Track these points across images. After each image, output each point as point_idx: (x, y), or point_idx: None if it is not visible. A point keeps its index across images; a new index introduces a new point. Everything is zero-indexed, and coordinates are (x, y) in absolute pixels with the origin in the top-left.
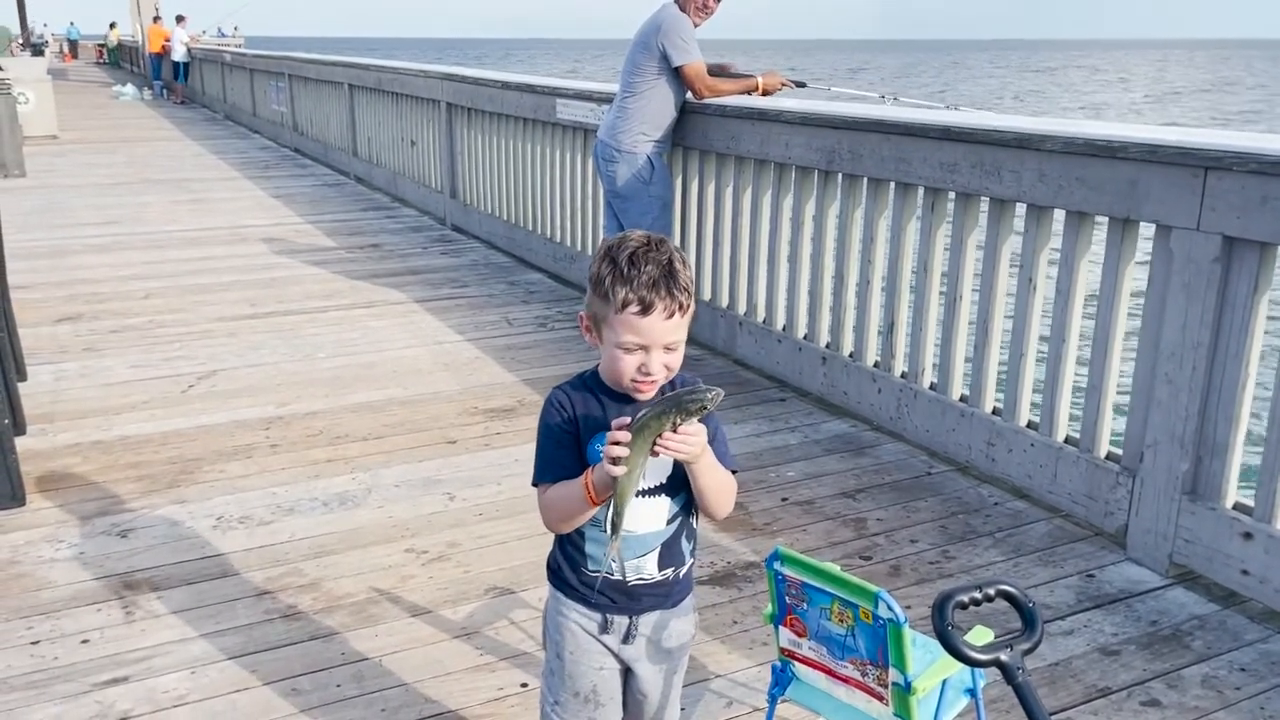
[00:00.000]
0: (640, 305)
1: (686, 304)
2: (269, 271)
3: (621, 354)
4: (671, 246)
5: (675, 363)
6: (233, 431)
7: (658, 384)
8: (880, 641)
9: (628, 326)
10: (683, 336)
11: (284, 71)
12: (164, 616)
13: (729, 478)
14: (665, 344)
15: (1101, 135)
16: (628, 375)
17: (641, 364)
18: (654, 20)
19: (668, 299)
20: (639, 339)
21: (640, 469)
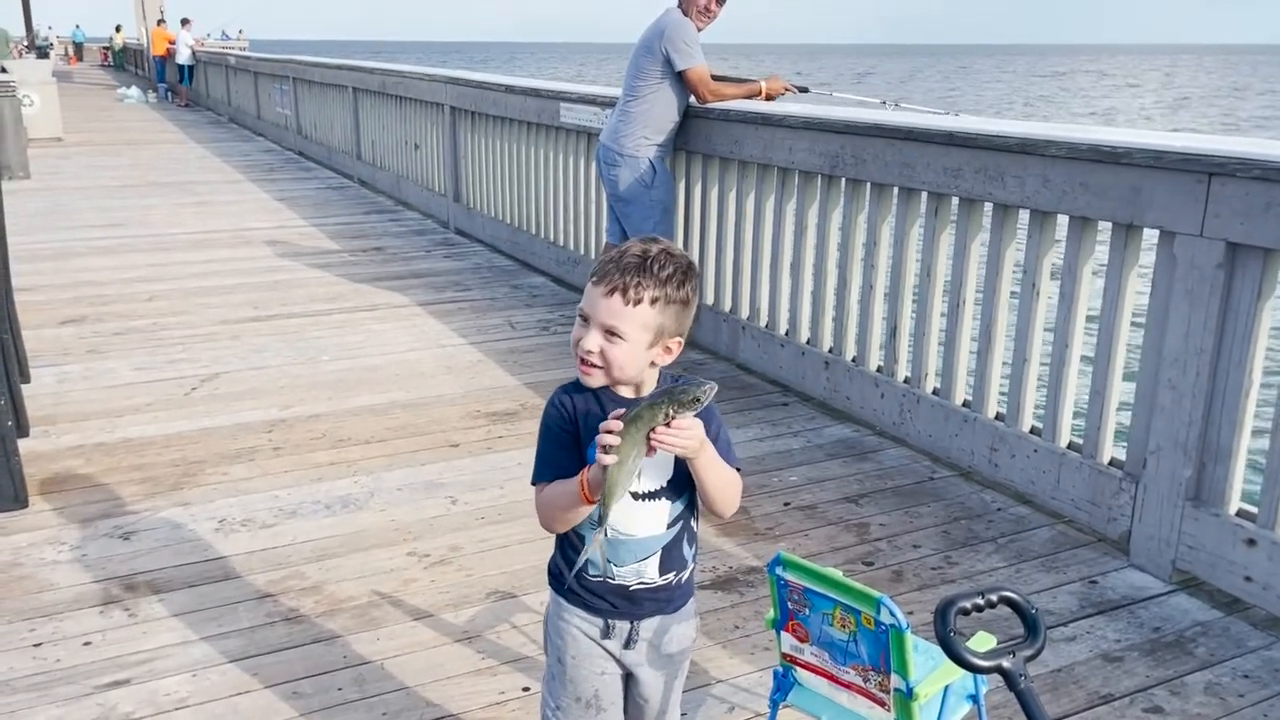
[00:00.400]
0: (595, 275)
1: (634, 294)
2: (272, 274)
3: (577, 322)
4: (666, 252)
5: (616, 356)
6: (236, 434)
7: (594, 370)
8: (882, 647)
9: (585, 293)
10: (626, 330)
11: (288, 75)
12: (166, 619)
13: (733, 475)
14: (603, 324)
15: (1105, 141)
16: (572, 344)
17: (580, 338)
18: (657, 24)
19: (616, 277)
20: (583, 307)
21: (633, 462)
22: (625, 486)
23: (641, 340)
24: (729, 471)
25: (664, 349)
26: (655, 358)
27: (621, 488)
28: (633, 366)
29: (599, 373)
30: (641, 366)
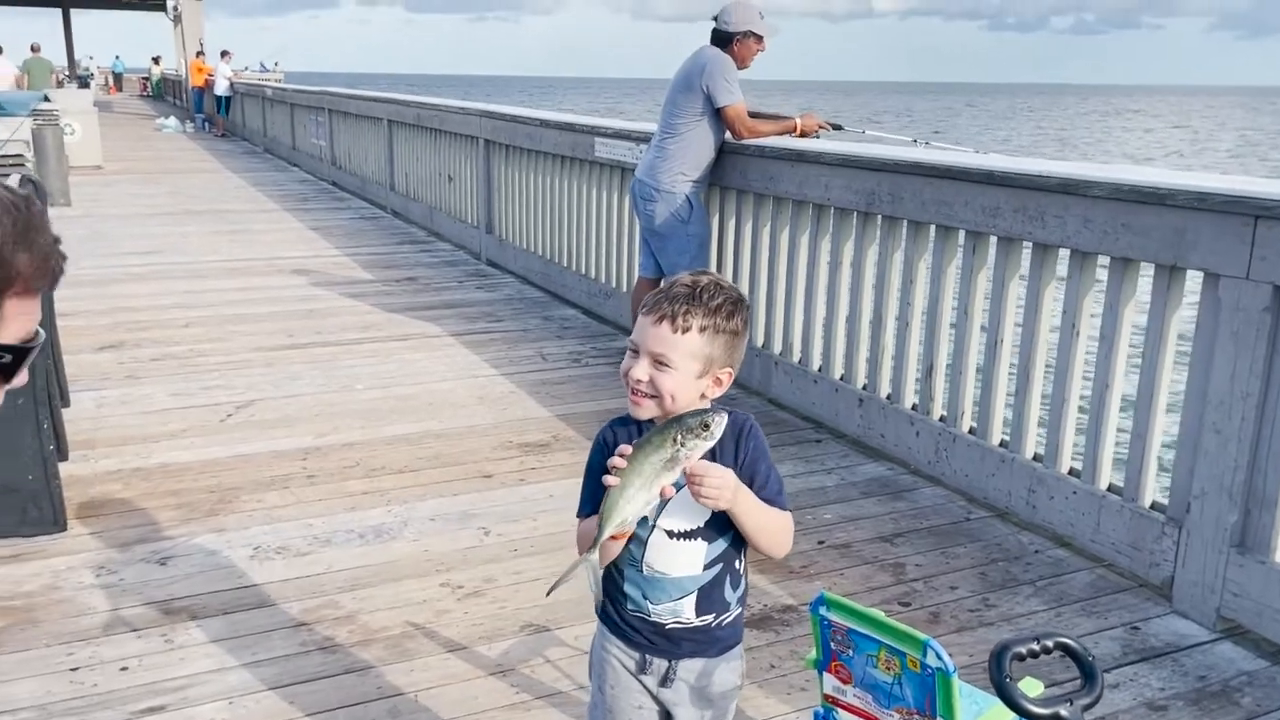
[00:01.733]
0: (646, 306)
1: (682, 322)
2: (307, 303)
3: (628, 353)
4: (715, 283)
5: (666, 385)
6: (270, 461)
7: (646, 398)
8: (928, 691)
9: (635, 325)
10: (674, 359)
11: (324, 106)
12: (202, 645)
13: (776, 518)
14: (652, 353)
15: (1149, 182)
16: (622, 374)
17: (630, 367)
18: (697, 60)
19: (665, 305)
20: (634, 338)
21: (638, 489)
22: (626, 512)
23: (690, 369)
24: (770, 515)
25: (714, 380)
26: (705, 389)
27: (620, 513)
28: (683, 396)
29: (650, 403)
30: (692, 397)
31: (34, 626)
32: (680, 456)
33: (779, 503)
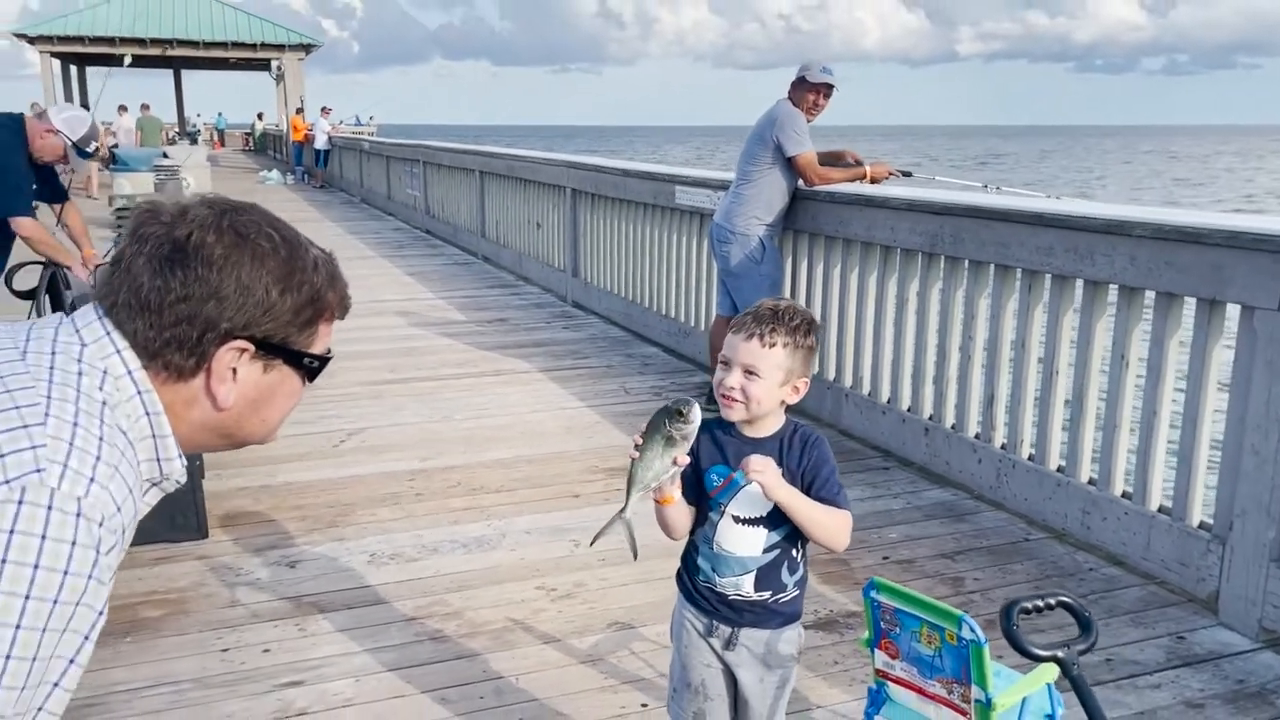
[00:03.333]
0: (736, 327)
1: (768, 339)
2: (406, 341)
3: (720, 367)
4: (793, 306)
5: (755, 392)
6: (381, 481)
7: (736, 404)
8: (964, 661)
9: (725, 343)
10: (763, 369)
11: (419, 159)
12: (330, 634)
13: (827, 514)
14: (743, 364)
15: (1188, 223)
16: (715, 386)
17: (722, 378)
18: (769, 115)
19: (754, 325)
20: (726, 353)
21: (653, 458)
22: (645, 478)
23: (775, 378)
24: (820, 511)
25: (793, 389)
26: (785, 396)
27: (640, 479)
28: (768, 401)
29: (739, 407)
30: (774, 403)
31: (187, 615)
32: (674, 434)
33: (836, 502)
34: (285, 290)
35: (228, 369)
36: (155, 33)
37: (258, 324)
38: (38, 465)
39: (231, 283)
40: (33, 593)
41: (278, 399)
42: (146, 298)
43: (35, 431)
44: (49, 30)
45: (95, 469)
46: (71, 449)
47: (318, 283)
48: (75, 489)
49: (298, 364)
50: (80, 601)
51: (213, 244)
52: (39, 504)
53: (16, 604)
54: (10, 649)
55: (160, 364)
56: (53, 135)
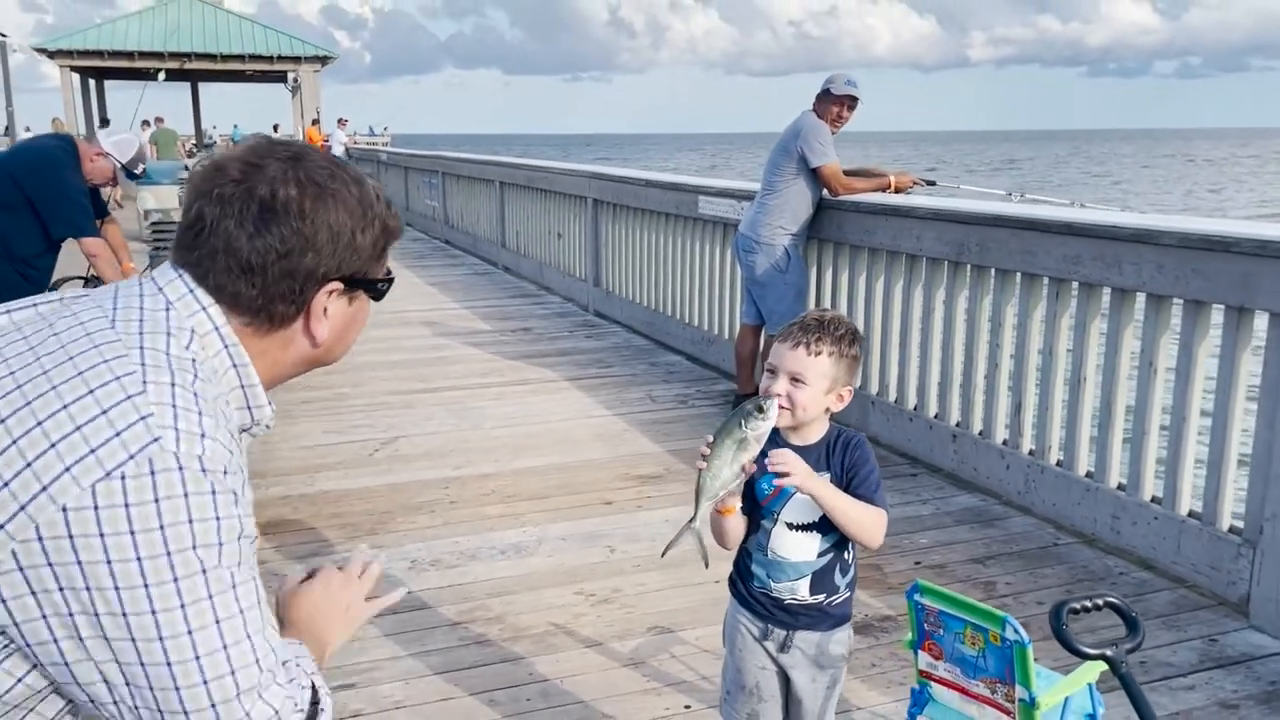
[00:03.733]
0: (782, 336)
1: (814, 348)
2: (433, 351)
3: (765, 375)
4: (839, 317)
5: (801, 399)
6: (417, 489)
7: (783, 411)
8: (1007, 661)
9: (772, 352)
10: (809, 376)
11: (438, 170)
12: (378, 638)
13: (864, 512)
14: (790, 372)
15: (1216, 231)
16: (762, 393)
17: (769, 385)
18: (794, 126)
19: (800, 334)
20: (773, 361)
21: (723, 465)
22: (714, 488)
23: (821, 385)
24: (855, 506)
25: (837, 397)
26: (830, 404)
27: (710, 489)
28: (814, 407)
29: (785, 413)
30: (819, 410)
31: None
32: (749, 436)
33: (874, 499)
34: (364, 229)
35: (321, 309)
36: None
37: (347, 264)
38: (153, 435)
39: (324, 232)
40: (198, 541)
41: (357, 323)
42: (248, 260)
43: (139, 402)
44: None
45: (202, 424)
46: (176, 411)
47: (384, 215)
48: (193, 448)
49: (372, 289)
50: (240, 537)
51: (299, 198)
52: (169, 469)
53: (191, 556)
54: (208, 588)
55: (264, 317)
56: (103, 158)
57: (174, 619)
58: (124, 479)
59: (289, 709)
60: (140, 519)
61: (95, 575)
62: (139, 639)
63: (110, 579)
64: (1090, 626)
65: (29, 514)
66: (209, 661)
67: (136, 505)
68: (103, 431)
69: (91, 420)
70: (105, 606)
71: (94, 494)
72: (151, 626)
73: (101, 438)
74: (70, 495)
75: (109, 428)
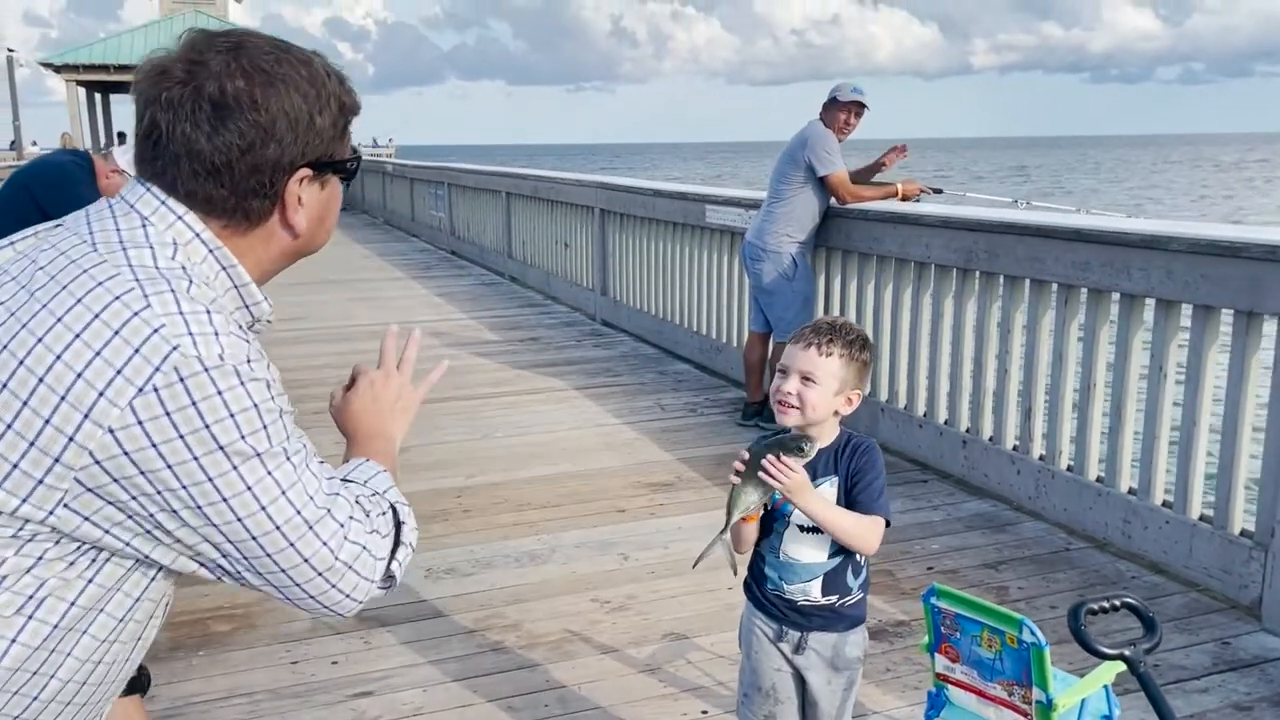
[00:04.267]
0: (794, 338)
1: (826, 349)
2: (442, 361)
3: (778, 375)
4: (849, 323)
5: (810, 398)
6: (430, 498)
7: (793, 409)
8: (1024, 664)
9: (784, 354)
10: (819, 376)
11: (444, 181)
12: (395, 646)
13: (853, 522)
14: (801, 371)
15: (1225, 237)
16: (772, 393)
17: (779, 384)
18: (800, 135)
19: (812, 336)
20: (784, 361)
21: (756, 485)
22: (746, 503)
23: (830, 387)
24: (842, 516)
25: (846, 399)
26: (839, 406)
27: (741, 504)
28: (823, 407)
29: (795, 412)
30: (829, 411)
31: (254, 630)
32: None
33: (873, 507)
34: (321, 109)
35: (295, 198)
36: None
37: (311, 148)
38: (170, 344)
39: (282, 120)
40: (244, 430)
41: (332, 206)
42: (213, 161)
43: (147, 315)
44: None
45: (214, 323)
46: (184, 318)
47: (338, 91)
48: (211, 348)
49: (342, 170)
50: (282, 412)
51: (248, 89)
52: (196, 372)
53: (243, 445)
54: (269, 468)
55: (240, 216)
56: (118, 175)
57: (246, 500)
58: (157, 390)
59: (375, 541)
60: (185, 422)
61: (161, 480)
62: (219, 524)
63: (176, 480)
64: (1104, 630)
65: (78, 443)
66: (289, 527)
67: (177, 411)
68: (122, 351)
69: (108, 343)
70: (180, 503)
71: (133, 410)
72: (228, 511)
73: (123, 357)
74: (112, 417)
75: (127, 346)
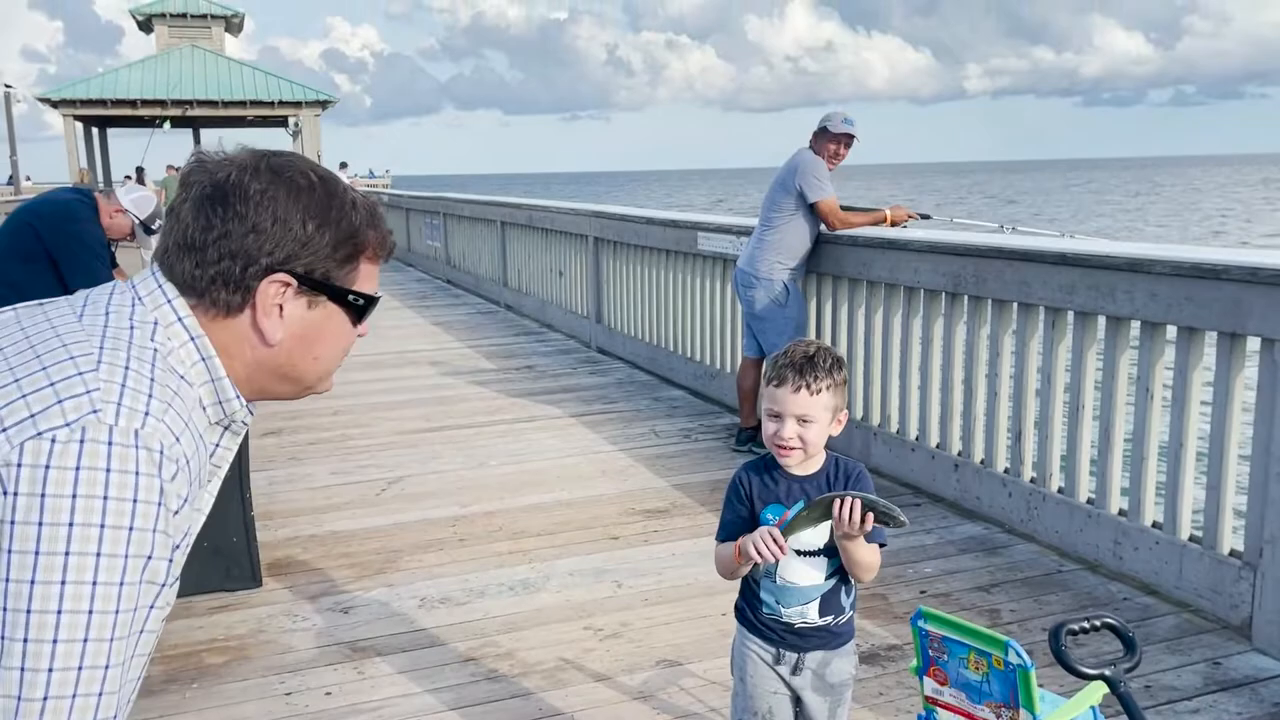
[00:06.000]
0: (777, 379)
1: (814, 387)
2: (437, 390)
3: (767, 419)
4: (822, 348)
5: (811, 437)
6: (424, 528)
7: (795, 451)
8: (1011, 685)
9: (768, 396)
10: (814, 414)
11: (439, 211)
12: (389, 675)
13: (873, 555)
14: (795, 414)
15: (1206, 260)
16: (769, 439)
17: (777, 430)
18: (791, 163)
19: (796, 377)
20: (774, 406)
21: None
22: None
23: (825, 420)
24: (874, 554)
25: (837, 422)
26: (833, 431)
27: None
28: (822, 440)
29: (798, 453)
30: (825, 440)
31: (248, 661)
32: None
33: (878, 533)
34: (322, 225)
35: (273, 304)
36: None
37: (297, 258)
38: (94, 407)
39: (268, 216)
40: (106, 521)
41: (326, 337)
42: (191, 237)
43: (89, 377)
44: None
45: (149, 404)
46: (124, 389)
47: (356, 220)
48: (131, 423)
49: (343, 301)
50: (155, 529)
51: (249, 181)
52: (99, 440)
53: (94, 533)
54: (95, 575)
55: (208, 301)
56: (121, 214)
57: (48, 596)
58: (54, 441)
59: None
60: (55, 482)
61: (7, 535)
62: (9, 606)
63: (8, 539)
64: (1095, 651)
65: None
66: (62, 654)
67: (56, 468)
68: (46, 399)
69: (38, 390)
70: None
71: (21, 451)
72: (25, 596)
73: (44, 404)
74: (1, 451)
75: (54, 396)
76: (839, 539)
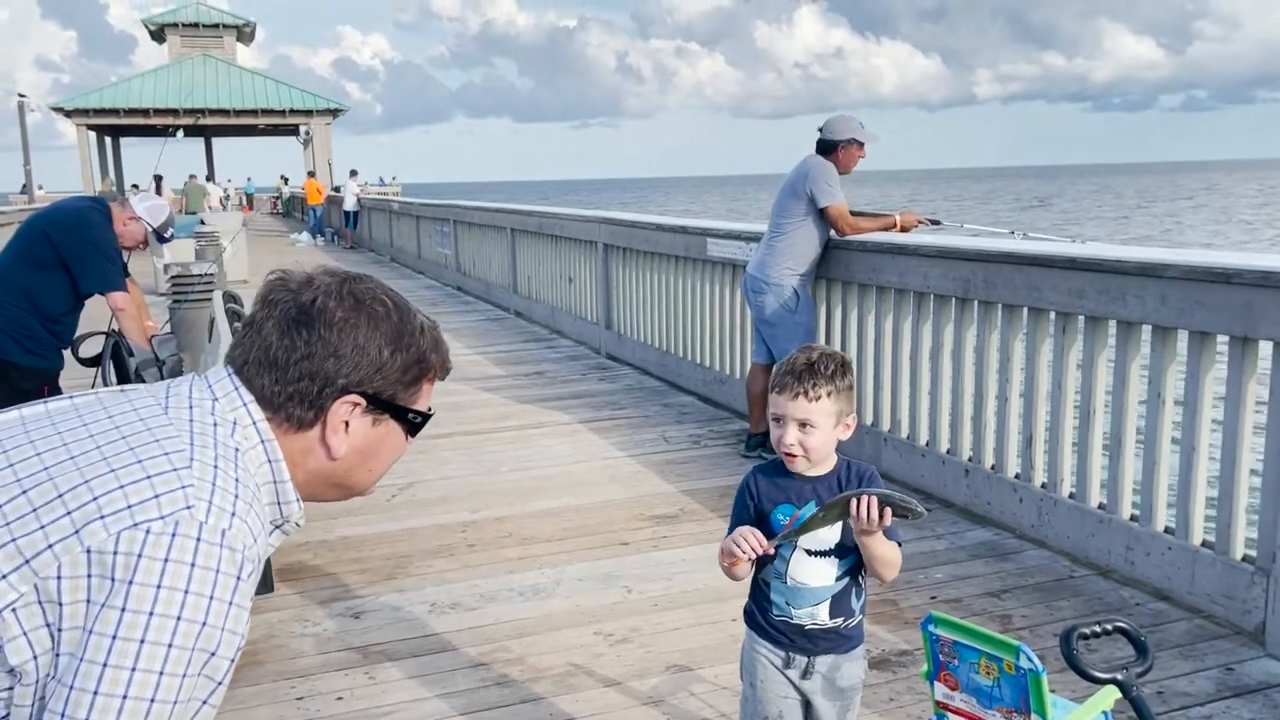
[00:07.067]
0: (778, 385)
1: (813, 393)
2: (448, 397)
3: (772, 424)
4: (825, 354)
5: (811, 443)
6: (435, 534)
7: (799, 458)
8: (1022, 690)
9: (771, 401)
10: (815, 420)
11: (449, 218)
12: (400, 681)
13: (894, 551)
14: (797, 420)
15: (1218, 264)
16: (774, 443)
17: (780, 435)
18: (802, 168)
19: (795, 384)
20: (776, 411)
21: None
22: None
23: (829, 425)
24: (890, 549)
25: (844, 426)
26: (840, 435)
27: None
28: (826, 446)
29: (802, 459)
30: (831, 446)
31: (260, 666)
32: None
33: (892, 534)
34: (395, 351)
35: (341, 421)
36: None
37: (370, 381)
38: (188, 503)
39: (349, 343)
40: (184, 614)
41: (383, 451)
42: (274, 355)
43: (184, 474)
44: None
45: (235, 504)
46: (215, 489)
47: (424, 345)
48: (220, 522)
49: (403, 419)
50: (224, 627)
51: (334, 308)
52: (190, 536)
53: (170, 624)
54: (164, 665)
55: (283, 415)
56: (135, 222)
57: (117, 681)
58: (148, 533)
59: None
60: (145, 571)
61: (91, 615)
62: (77, 685)
63: (92, 620)
64: (1107, 656)
65: (54, 552)
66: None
67: (148, 558)
68: (143, 491)
69: (135, 482)
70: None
71: (118, 540)
72: (95, 678)
73: (141, 496)
74: (98, 539)
75: (150, 489)
76: (859, 536)
